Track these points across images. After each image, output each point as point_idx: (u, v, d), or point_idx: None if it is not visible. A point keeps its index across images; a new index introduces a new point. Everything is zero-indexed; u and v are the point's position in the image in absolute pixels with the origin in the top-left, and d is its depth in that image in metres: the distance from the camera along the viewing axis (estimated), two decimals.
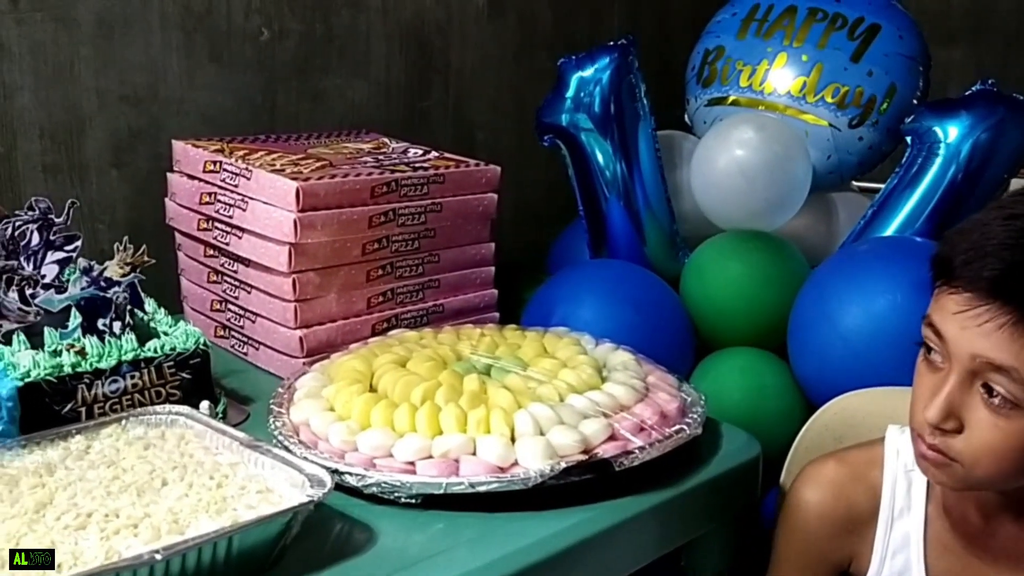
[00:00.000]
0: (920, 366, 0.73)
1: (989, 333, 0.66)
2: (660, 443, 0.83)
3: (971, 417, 0.69)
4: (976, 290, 0.67)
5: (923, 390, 0.72)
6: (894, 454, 0.83)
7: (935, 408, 0.69)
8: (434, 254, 1.16)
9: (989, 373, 0.67)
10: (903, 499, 0.81)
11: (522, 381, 0.90)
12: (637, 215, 1.35)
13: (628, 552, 0.80)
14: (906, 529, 0.81)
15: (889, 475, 0.82)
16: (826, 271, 1.17)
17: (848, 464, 0.84)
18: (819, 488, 0.83)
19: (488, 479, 0.76)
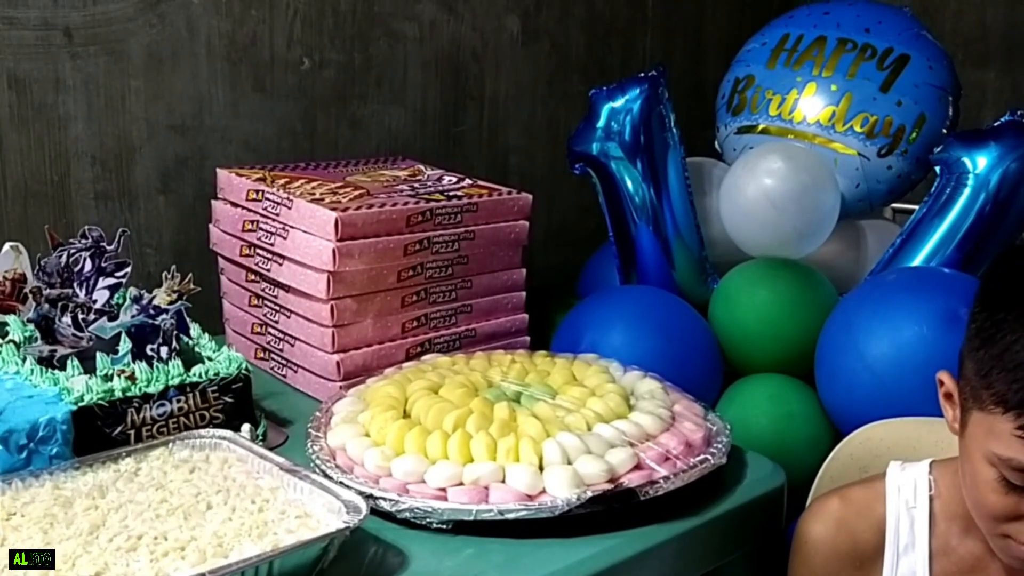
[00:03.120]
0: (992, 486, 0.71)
1: None
2: (685, 473, 0.85)
3: None
4: None
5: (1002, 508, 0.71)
6: (895, 491, 0.84)
7: None
8: (467, 280, 1.19)
9: None
10: (907, 535, 0.83)
11: (551, 409, 0.93)
12: (666, 241, 1.37)
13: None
14: (912, 565, 0.82)
15: (892, 511, 0.83)
16: (854, 300, 1.18)
17: (852, 501, 0.86)
18: (824, 524, 0.85)
19: (517, 507, 0.79)
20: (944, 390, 0.79)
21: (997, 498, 0.71)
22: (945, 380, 0.78)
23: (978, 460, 0.72)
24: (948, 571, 0.82)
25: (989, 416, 0.70)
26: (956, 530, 0.82)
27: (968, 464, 0.74)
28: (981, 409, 0.71)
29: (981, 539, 0.80)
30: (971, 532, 0.81)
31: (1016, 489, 0.70)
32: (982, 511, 0.74)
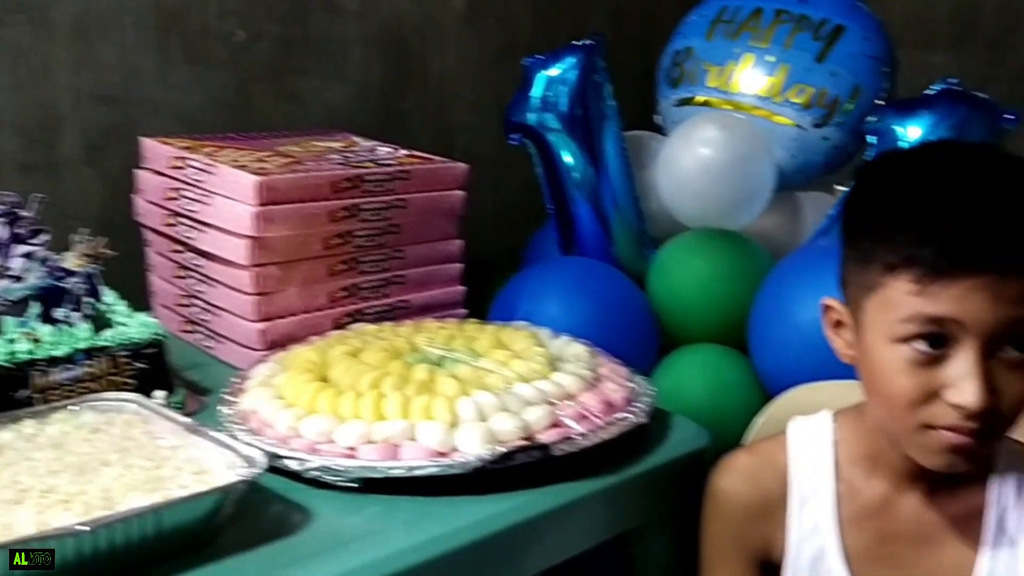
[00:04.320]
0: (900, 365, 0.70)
1: (1010, 298, 0.66)
2: (602, 430, 0.84)
3: (1001, 382, 0.68)
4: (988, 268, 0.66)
5: (917, 389, 0.69)
6: (799, 441, 0.84)
7: (978, 393, 0.66)
8: (399, 250, 1.17)
9: (1009, 335, 0.67)
10: (811, 482, 0.82)
11: (472, 371, 0.91)
12: (605, 214, 1.36)
13: (567, 536, 0.81)
14: (817, 511, 0.82)
15: (796, 460, 0.83)
16: (785, 267, 1.18)
17: (758, 453, 0.86)
18: (732, 477, 0.85)
19: (427, 463, 0.77)
20: (832, 317, 0.78)
21: (907, 380, 0.69)
22: (832, 304, 0.78)
23: (882, 352, 0.71)
24: (854, 515, 0.81)
25: (882, 293, 0.70)
26: (860, 473, 0.82)
27: (873, 367, 0.73)
28: (873, 293, 0.71)
29: (886, 479, 0.80)
30: (876, 474, 0.81)
31: (923, 361, 0.69)
32: (897, 406, 0.71)
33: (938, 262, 0.67)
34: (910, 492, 0.80)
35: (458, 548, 0.72)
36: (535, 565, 0.79)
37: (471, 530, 0.74)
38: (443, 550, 0.71)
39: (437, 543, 0.71)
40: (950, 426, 0.69)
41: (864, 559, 0.80)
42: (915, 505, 0.80)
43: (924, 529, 0.79)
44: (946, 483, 0.78)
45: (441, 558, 0.71)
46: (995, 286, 0.66)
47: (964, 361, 0.67)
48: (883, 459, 0.80)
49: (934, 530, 0.79)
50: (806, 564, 0.82)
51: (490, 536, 0.74)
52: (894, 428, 0.75)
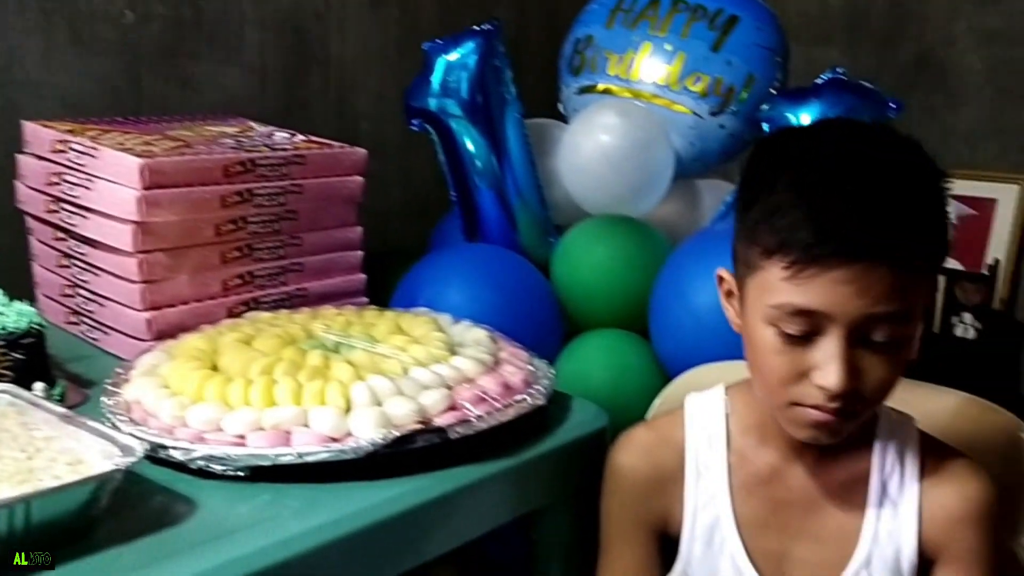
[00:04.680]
0: (773, 345, 0.73)
1: (880, 292, 0.68)
2: (499, 412, 0.84)
3: (864, 365, 0.71)
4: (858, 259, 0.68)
5: (787, 368, 0.72)
6: (694, 415, 0.86)
7: (840, 377, 0.70)
8: (296, 237, 1.15)
9: (876, 323, 0.70)
10: (706, 454, 0.84)
11: (368, 357, 0.89)
12: (508, 202, 1.36)
13: (467, 520, 0.81)
14: (712, 482, 0.84)
15: (691, 434, 0.85)
16: (682, 253, 1.20)
17: (655, 428, 0.88)
18: (629, 453, 0.86)
19: (318, 449, 0.75)
20: (724, 287, 0.81)
21: (779, 359, 0.72)
22: (724, 275, 0.81)
23: (758, 329, 0.74)
24: (746, 483, 0.84)
25: (760, 275, 0.72)
26: (751, 443, 0.84)
27: (751, 343, 0.76)
28: (753, 273, 0.73)
29: (776, 449, 0.83)
30: (766, 443, 0.83)
31: (794, 341, 0.71)
32: (769, 382, 0.75)
33: (809, 251, 0.69)
34: (798, 461, 0.82)
35: (350, 534, 0.70)
36: (433, 549, 0.78)
37: (364, 515, 0.72)
38: (334, 536, 0.69)
39: (327, 530, 0.70)
40: (815, 405, 0.72)
41: (756, 526, 0.83)
42: (803, 473, 0.82)
43: (812, 495, 0.82)
44: (832, 451, 0.81)
45: (332, 545, 0.69)
46: (863, 279, 0.68)
47: (829, 346, 0.70)
48: (771, 430, 0.82)
49: (822, 496, 0.82)
50: (702, 533, 0.83)
51: (384, 521, 0.73)
52: (768, 401, 0.78)
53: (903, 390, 0.80)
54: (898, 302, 0.70)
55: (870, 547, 0.81)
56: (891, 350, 0.72)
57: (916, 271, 0.71)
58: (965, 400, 0.96)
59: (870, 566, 0.81)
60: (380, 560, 0.73)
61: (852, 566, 0.81)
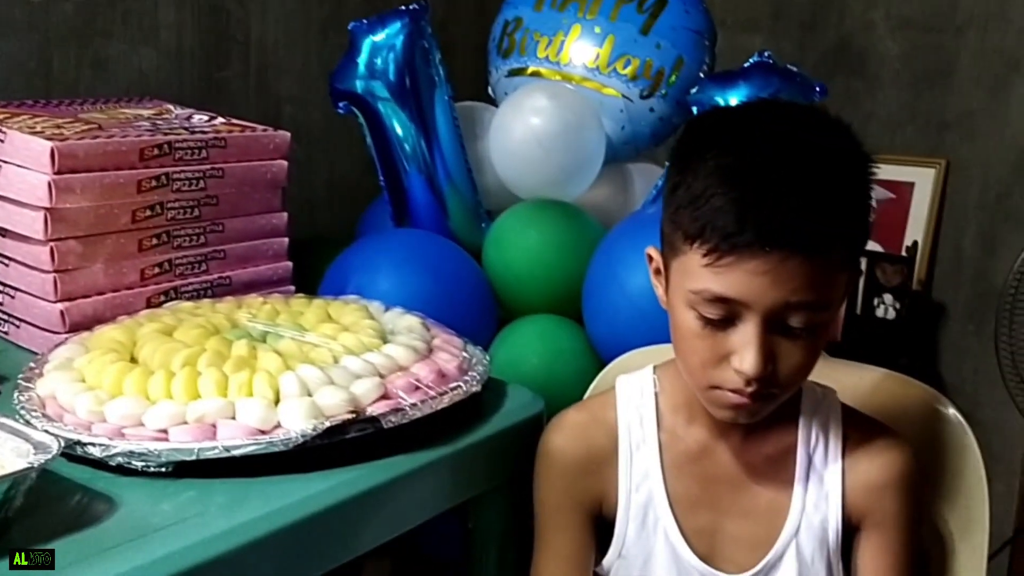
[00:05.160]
0: (694, 328, 0.74)
1: (797, 282, 0.69)
2: (433, 400, 0.82)
3: (780, 350, 0.72)
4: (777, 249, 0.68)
5: (707, 351, 0.73)
6: (625, 396, 0.87)
7: (755, 362, 0.71)
8: (217, 223, 1.10)
9: (793, 311, 0.71)
10: (638, 433, 0.85)
11: (297, 346, 0.87)
12: (439, 187, 1.34)
13: (401, 510, 0.79)
14: (645, 461, 0.84)
15: (623, 414, 0.86)
16: (615, 237, 1.19)
17: (587, 410, 0.89)
18: (562, 434, 0.86)
19: (245, 442, 0.72)
20: (653, 265, 0.81)
21: (699, 343, 0.74)
22: (653, 254, 0.81)
23: (680, 311, 0.75)
24: (678, 460, 0.84)
25: (682, 259, 0.73)
26: (681, 421, 0.85)
27: (674, 324, 0.77)
28: (676, 256, 0.74)
29: (704, 427, 0.84)
30: (695, 421, 0.84)
31: (713, 325, 0.73)
32: (691, 364, 0.76)
33: (728, 239, 0.69)
34: (726, 438, 0.84)
35: (280, 529, 0.68)
36: (368, 542, 0.76)
37: (294, 510, 0.69)
38: (263, 532, 0.67)
39: (256, 525, 0.67)
40: (734, 388, 0.74)
41: (689, 504, 0.83)
42: (731, 450, 0.84)
43: (741, 471, 0.83)
44: (759, 427, 0.82)
45: (261, 541, 0.66)
46: (780, 269, 0.69)
47: (746, 332, 0.71)
48: (699, 408, 0.83)
49: (750, 472, 0.83)
50: (636, 513, 0.84)
51: (316, 515, 0.70)
52: (690, 382, 0.79)
53: (825, 366, 0.81)
54: (815, 292, 0.71)
55: (799, 519, 0.83)
56: (808, 336, 0.73)
57: (834, 262, 0.72)
58: (884, 375, 0.98)
59: (798, 537, 0.83)
60: (312, 555, 0.71)
61: (782, 539, 0.83)
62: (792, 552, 0.83)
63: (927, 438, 0.93)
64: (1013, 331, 1.62)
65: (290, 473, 0.74)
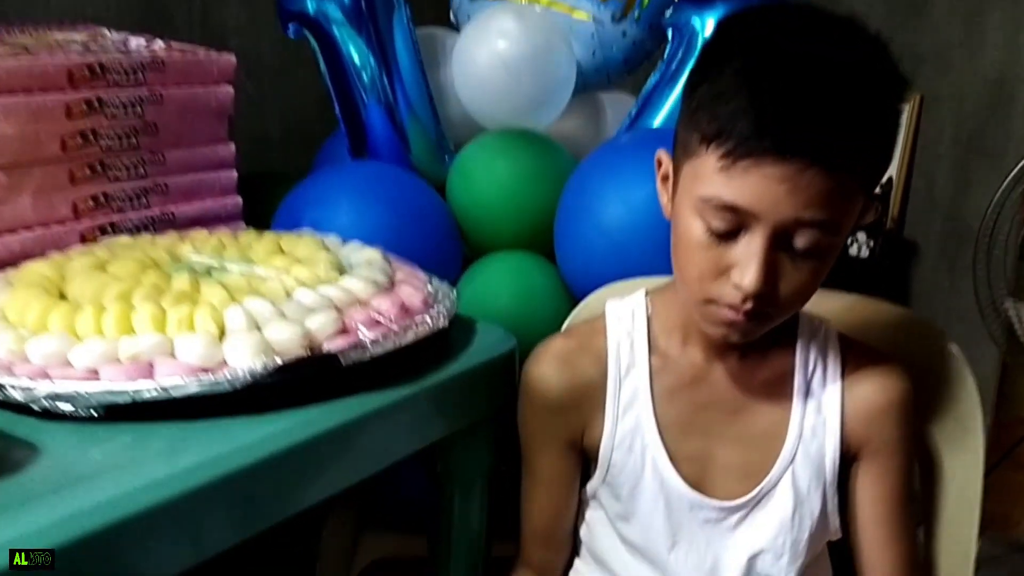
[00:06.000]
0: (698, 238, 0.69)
1: (811, 196, 0.64)
2: (397, 335, 0.75)
3: (783, 270, 0.68)
4: (795, 157, 0.63)
5: (708, 264, 0.69)
6: (615, 320, 0.83)
7: (756, 277, 0.67)
8: (157, 153, 1.02)
9: (803, 229, 0.66)
10: (627, 358, 0.81)
11: (245, 280, 0.79)
12: (398, 119, 1.25)
13: (363, 454, 0.72)
14: (633, 386, 0.80)
15: (612, 339, 0.82)
16: (587, 167, 1.12)
17: (573, 336, 0.85)
18: (547, 363, 0.82)
19: (187, 381, 0.65)
20: (661, 171, 0.76)
21: (701, 254, 0.69)
22: (663, 159, 0.76)
23: (686, 219, 0.70)
24: (670, 385, 0.81)
25: (695, 161, 0.69)
26: (675, 343, 0.81)
27: (677, 232, 0.72)
28: (689, 159, 0.69)
29: (699, 349, 0.80)
30: (690, 343, 0.80)
31: (718, 237, 0.68)
32: (689, 276, 0.72)
33: (745, 143, 0.64)
34: (722, 361, 0.80)
35: (227, 475, 0.61)
36: (325, 489, 0.69)
37: (243, 454, 0.63)
38: (208, 478, 0.60)
39: (200, 471, 0.60)
40: (729, 304, 0.70)
41: (678, 429, 0.80)
42: (727, 373, 0.80)
43: (736, 396, 0.80)
44: (755, 351, 0.79)
45: (206, 488, 0.59)
46: (796, 180, 0.64)
47: (751, 245, 0.67)
48: (694, 330, 0.79)
49: (746, 396, 0.80)
50: (622, 439, 0.80)
51: (267, 459, 0.63)
52: (686, 295, 0.75)
53: (816, 296, 0.76)
54: (829, 210, 0.66)
55: (795, 445, 0.79)
56: (813, 259, 0.69)
57: (853, 181, 0.67)
58: (857, 299, 0.95)
59: (794, 464, 0.79)
60: (264, 504, 0.64)
61: (777, 466, 0.79)
62: (787, 480, 0.79)
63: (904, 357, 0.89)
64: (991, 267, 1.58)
65: (235, 415, 0.67)
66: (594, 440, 0.82)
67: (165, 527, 0.57)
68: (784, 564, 0.80)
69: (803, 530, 0.80)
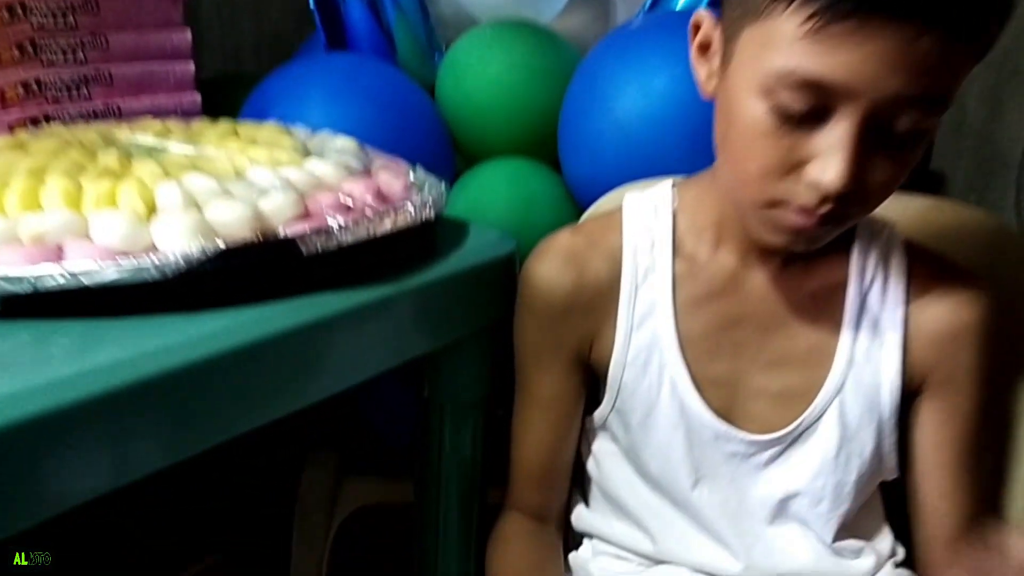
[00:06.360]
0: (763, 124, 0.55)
1: (924, 67, 0.51)
2: (369, 222, 0.62)
3: (872, 162, 0.55)
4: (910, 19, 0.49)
5: (775, 156, 0.55)
6: (634, 214, 0.69)
7: (843, 172, 0.53)
8: (100, 36, 0.88)
9: (905, 109, 0.53)
10: (646, 259, 0.68)
11: (188, 160, 0.66)
12: (382, 13, 1.11)
13: (326, 366, 0.59)
14: (652, 293, 0.67)
15: (630, 236, 0.68)
16: (598, 54, 0.98)
17: (583, 232, 0.71)
18: (551, 261, 0.69)
19: (102, 266, 0.52)
20: (700, 37, 0.61)
21: (766, 144, 0.55)
22: (703, 21, 0.61)
23: (745, 99, 0.56)
24: (696, 295, 0.67)
25: (764, 25, 0.53)
26: (705, 245, 0.67)
27: (731, 118, 0.58)
28: (755, 21, 0.54)
29: (734, 253, 0.66)
30: (724, 246, 0.67)
31: (791, 122, 0.54)
32: (747, 172, 0.57)
33: (841, 1, 0.49)
34: (760, 267, 0.66)
35: (148, 379, 0.48)
36: (278, 405, 0.56)
37: (170, 355, 0.49)
38: (123, 381, 0.47)
39: (116, 372, 0.47)
40: (801, 207, 0.56)
41: (704, 347, 0.67)
42: (766, 283, 0.66)
43: (776, 310, 0.67)
44: (802, 255, 0.65)
45: (121, 392, 0.46)
46: (908, 48, 0.50)
47: (838, 132, 0.53)
48: (731, 229, 0.66)
49: (787, 311, 0.67)
50: (635, 356, 0.67)
51: (201, 363, 0.50)
52: (739, 197, 0.61)
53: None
54: (941, 84, 0.52)
55: (844, 371, 0.66)
56: (910, 147, 0.55)
57: (970, 51, 0.52)
58: (934, 202, 0.80)
59: (842, 395, 0.66)
60: (201, 418, 0.51)
61: (822, 396, 0.66)
62: (833, 413, 0.66)
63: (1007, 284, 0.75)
64: None
65: (169, 312, 0.54)
66: (603, 356, 0.69)
67: (76, 437, 0.45)
68: (823, 510, 0.68)
69: (849, 471, 0.67)
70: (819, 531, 0.69)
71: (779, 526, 0.69)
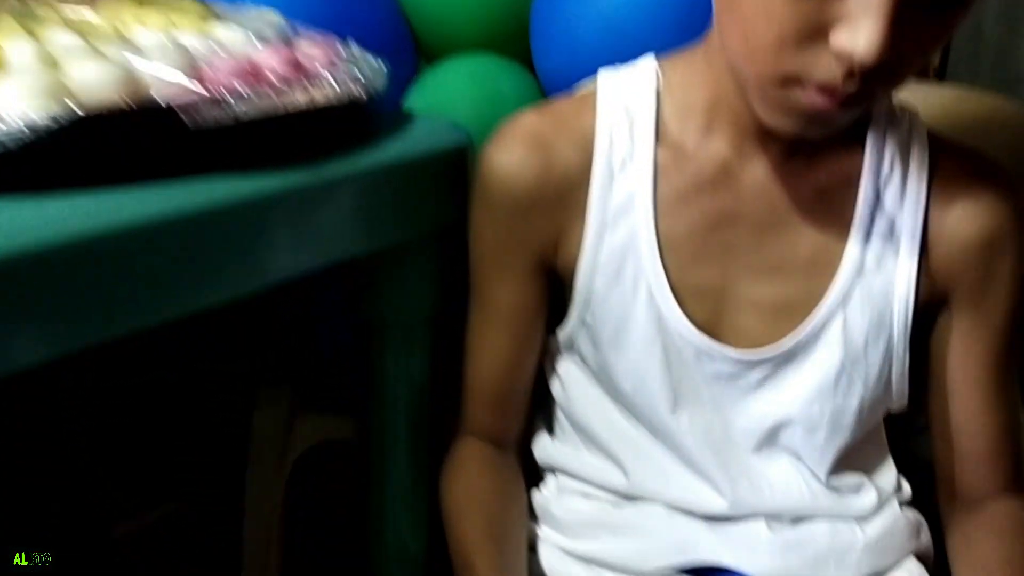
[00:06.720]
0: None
1: None
2: (278, 94, 0.51)
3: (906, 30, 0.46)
4: None
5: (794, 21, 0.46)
6: (610, 94, 0.59)
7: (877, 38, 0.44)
8: None
9: None
10: (624, 146, 0.58)
11: (59, 20, 0.54)
12: None
13: (226, 263, 0.48)
14: (629, 185, 0.57)
15: (604, 119, 0.58)
16: None
17: (551, 113, 0.60)
18: (514, 146, 0.58)
19: None
20: None
21: (784, 9, 0.46)
22: None
23: None
24: (681, 188, 0.57)
25: None
26: (693, 131, 0.57)
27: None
28: None
29: (727, 140, 0.56)
30: (716, 131, 0.57)
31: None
32: (760, 42, 0.48)
33: None
34: (758, 157, 0.56)
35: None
36: (160, 309, 0.46)
37: (15, 237, 0.39)
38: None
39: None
40: (822, 83, 0.47)
41: (687, 250, 0.57)
42: (764, 175, 0.57)
43: (774, 207, 0.57)
44: (810, 144, 0.55)
45: None
46: None
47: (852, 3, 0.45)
48: (725, 112, 0.56)
49: (788, 207, 0.57)
50: (608, 259, 0.58)
51: (56, 248, 0.40)
52: (746, 72, 0.51)
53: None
54: None
55: (851, 280, 0.57)
56: (946, 15, 0.47)
57: None
58: (962, 91, 0.70)
59: (847, 306, 0.57)
60: (71, 309, 0.41)
61: (823, 307, 0.57)
62: (836, 329, 0.57)
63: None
64: None
65: (10, 192, 0.43)
66: (570, 260, 0.59)
67: None
68: (819, 442, 0.59)
69: (851, 396, 0.58)
70: (813, 464, 0.60)
71: (768, 458, 0.60)
